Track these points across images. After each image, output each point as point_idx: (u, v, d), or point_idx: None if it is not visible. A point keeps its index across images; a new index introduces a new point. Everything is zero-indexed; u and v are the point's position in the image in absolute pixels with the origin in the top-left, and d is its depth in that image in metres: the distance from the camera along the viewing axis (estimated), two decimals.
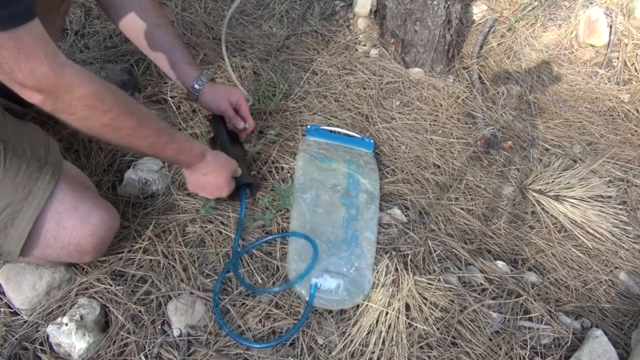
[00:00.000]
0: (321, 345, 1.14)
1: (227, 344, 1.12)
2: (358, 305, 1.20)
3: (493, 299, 1.29)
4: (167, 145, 1.04)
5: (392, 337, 1.15)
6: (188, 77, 1.34)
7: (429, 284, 1.24)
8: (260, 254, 1.26)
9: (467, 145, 1.70)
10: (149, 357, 1.08)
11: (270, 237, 1.28)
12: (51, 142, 1.08)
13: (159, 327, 1.12)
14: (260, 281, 1.22)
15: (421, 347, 1.16)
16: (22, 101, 0.82)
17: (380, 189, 1.46)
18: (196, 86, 1.33)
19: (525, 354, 1.19)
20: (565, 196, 1.59)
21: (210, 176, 1.20)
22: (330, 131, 1.58)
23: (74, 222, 1.03)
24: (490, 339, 1.21)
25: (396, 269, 1.24)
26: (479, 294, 1.29)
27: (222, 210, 1.33)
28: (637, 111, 2.02)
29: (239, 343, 1.11)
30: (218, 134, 1.39)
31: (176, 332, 1.11)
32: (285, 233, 1.30)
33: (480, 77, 2.00)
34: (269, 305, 1.18)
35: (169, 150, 1.06)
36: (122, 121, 0.92)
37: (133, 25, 1.30)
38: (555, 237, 1.50)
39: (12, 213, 0.97)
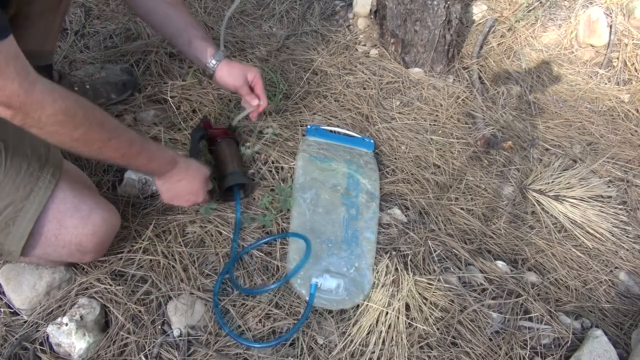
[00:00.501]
0: (321, 345, 1.14)
1: (227, 344, 1.12)
2: (358, 305, 1.20)
3: (493, 299, 1.29)
4: (138, 155, 1.05)
5: (392, 337, 1.15)
6: (205, 53, 1.33)
7: (429, 284, 1.24)
8: (260, 254, 1.27)
9: (467, 145, 1.70)
10: (149, 357, 1.08)
11: (268, 238, 1.28)
12: None
13: (159, 327, 1.12)
14: (261, 282, 1.22)
15: (421, 347, 1.16)
16: None
17: (380, 189, 1.46)
18: (213, 61, 1.33)
19: (525, 354, 1.19)
20: (565, 196, 1.59)
21: (184, 182, 1.19)
22: (330, 131, 1.58)
23: (75, 221, 1.03)
24: (490, 339, 1.21)
25: (396, 269, 1.25)
26: (479, 294, 1.29)
27: (221, 211, 1.33)
28: (637, 111, 2.02)
29: (239, 343, 1.11)
30: (192, 142, 1.38)
31: (176, 332, 1.11)
32: (280, 234, 1.30)
33: (480, 77, 2.00)
34: (269, 305, 1.18)
35: (141, 160, 1.06)
36: (93, 134, 0.92)
37: (146, 6, 1.30)
38: (555, 237, 1.50)
39: (14, 212, 0.98)
